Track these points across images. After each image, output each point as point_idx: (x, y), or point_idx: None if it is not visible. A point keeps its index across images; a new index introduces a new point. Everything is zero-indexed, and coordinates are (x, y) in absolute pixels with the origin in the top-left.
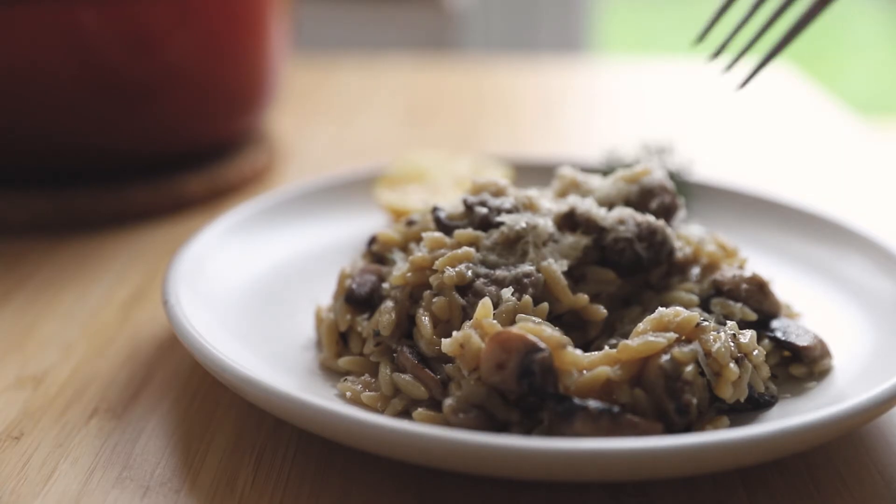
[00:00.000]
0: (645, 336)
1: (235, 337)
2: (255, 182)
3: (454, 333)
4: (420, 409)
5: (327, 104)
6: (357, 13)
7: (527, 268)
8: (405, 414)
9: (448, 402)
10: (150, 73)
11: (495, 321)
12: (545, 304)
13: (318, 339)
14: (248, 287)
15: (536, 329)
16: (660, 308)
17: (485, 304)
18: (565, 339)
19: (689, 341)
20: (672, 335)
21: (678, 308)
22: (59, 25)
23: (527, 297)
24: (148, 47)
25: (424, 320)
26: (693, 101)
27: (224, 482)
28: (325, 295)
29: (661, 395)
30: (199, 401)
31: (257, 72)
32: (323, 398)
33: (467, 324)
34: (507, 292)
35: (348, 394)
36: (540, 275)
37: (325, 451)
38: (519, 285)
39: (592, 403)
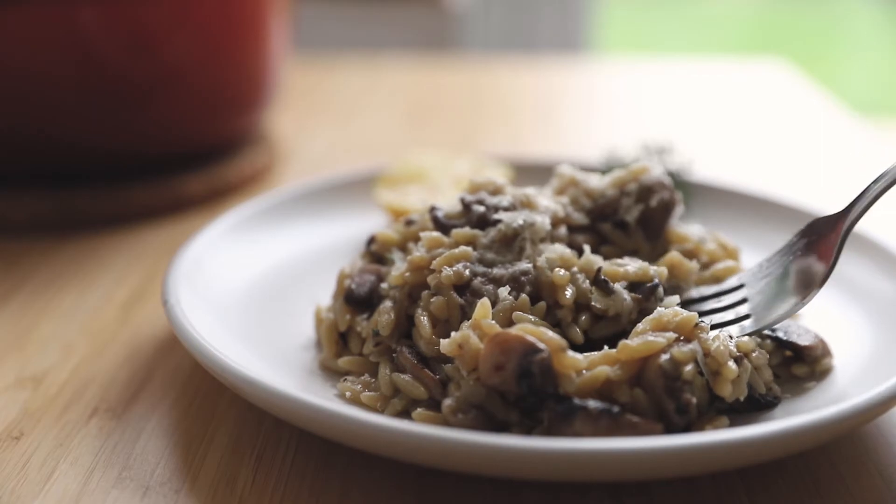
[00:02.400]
0: (644, 336)
1: (235, 337)
2: (255, 182)
3: (453, 334)
4: (419, 409)
5: (327, 104)
6: (357, 13)
7: (524, 265)
8: (405, 414)
9: (447, 402)
10: (150, 73)
11: (494, 322)
12: (543, 303)
13: (318, 339)
14: (248, 287)
15: (536, 331)
16: (658, 308)
17: (483, 305)
18: (564, 341)
19: (688, 341)
20: (671, 335)
21: (677, 308)
22: (59, 25)
23: (524, 297)
24: (148, 47)
25: (423, 320)
26: (692, 101)
27: (224, 482)
28: (324, 295)
29: (660, 395)
30: (199, 401)
31: (257, 72)
32: (323, 398)
33: (466, 324)
34: (503, 291)
35: (348, 394)
36: (537, 272)
37: (325, 451)
38: (516, 283)
39: (592, 403)
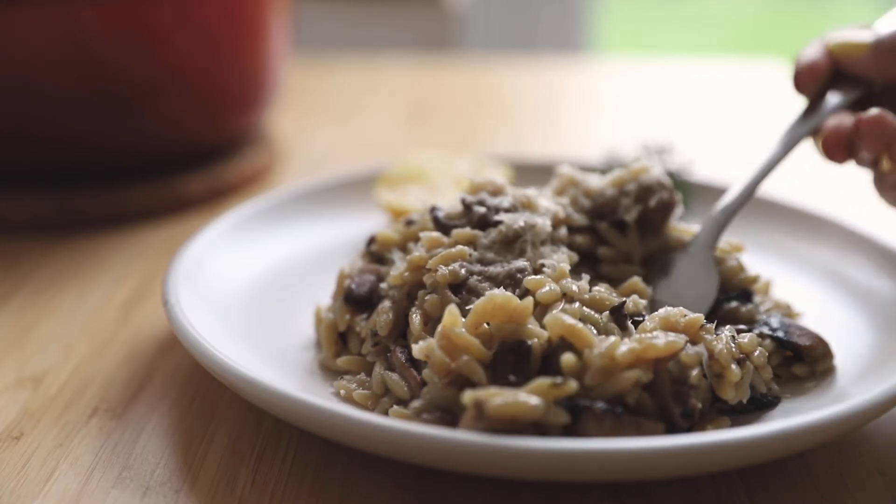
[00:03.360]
0: (666, 335)
1: (235, 337)
2: (255, 182)
3: (420, 342)
4: (395, 407)
5: (327, 104)
6: (357, 13)
7: (520, 263)
8: None
9: (414, 403)
10: (150, 73)
11: (462, 330)
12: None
13: (318, 339)
14: (248, 287)
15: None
16: (666, 307)
17: (451, 312)
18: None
19: (693, 343)
20: (684, 336)
21: (681, 308)
22: (59, 26)
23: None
24: (148, 47)
25: (415, 319)
26: (692, 101)
27: (224, 482)
28: (324, 295)
29: (666, 398)
30: (199, 401)
31: (257, 72)
32: (322, 398)
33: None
34: (499, 293)
35: (342, 392)
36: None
37: (325, 451)
38: (512, 280)
39: (598, 404)
